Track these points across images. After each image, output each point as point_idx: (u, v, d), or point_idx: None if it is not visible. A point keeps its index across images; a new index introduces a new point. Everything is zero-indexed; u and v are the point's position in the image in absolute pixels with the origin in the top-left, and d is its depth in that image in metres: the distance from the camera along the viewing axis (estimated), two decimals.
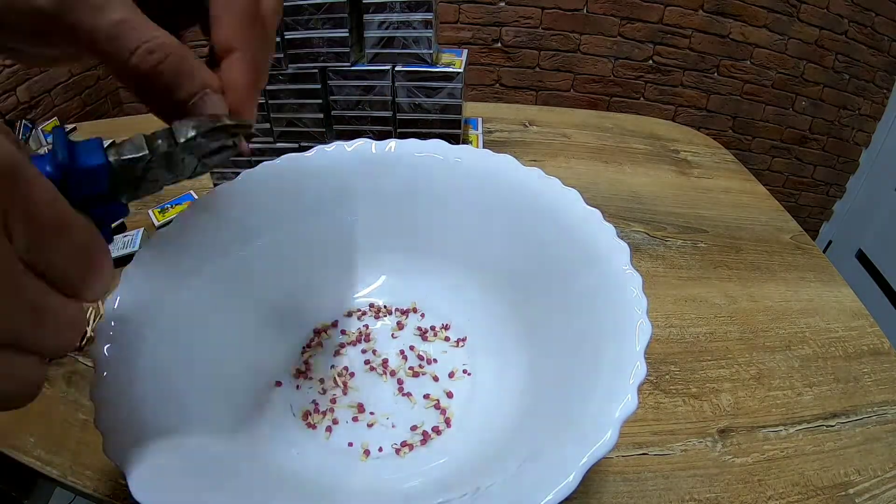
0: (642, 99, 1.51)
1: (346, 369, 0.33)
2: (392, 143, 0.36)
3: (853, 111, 1.50)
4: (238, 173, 0.33)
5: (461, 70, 0.50)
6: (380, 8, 0.47)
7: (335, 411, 0.31)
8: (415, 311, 0.37)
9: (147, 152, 0.19)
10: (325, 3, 0.45)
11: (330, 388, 0.32)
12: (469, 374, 0.33)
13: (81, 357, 0.37)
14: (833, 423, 0.36)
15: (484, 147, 0.46)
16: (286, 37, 0.47)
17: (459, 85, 0.50)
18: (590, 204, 0.31)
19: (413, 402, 0.32)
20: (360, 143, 0.36)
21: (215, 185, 0.55)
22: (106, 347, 0.23)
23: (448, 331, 0.36)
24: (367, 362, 0.34)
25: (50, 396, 0.34)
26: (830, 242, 1.70)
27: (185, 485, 0.20)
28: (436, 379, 0.33)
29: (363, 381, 0.33)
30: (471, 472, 0.26)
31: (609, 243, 0.29)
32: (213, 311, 0.30)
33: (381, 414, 0.31)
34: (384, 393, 0.32)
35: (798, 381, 0.38)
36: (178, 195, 0.53)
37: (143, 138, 0.19)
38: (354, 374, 0.33)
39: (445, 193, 0.36)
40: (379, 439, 0.30)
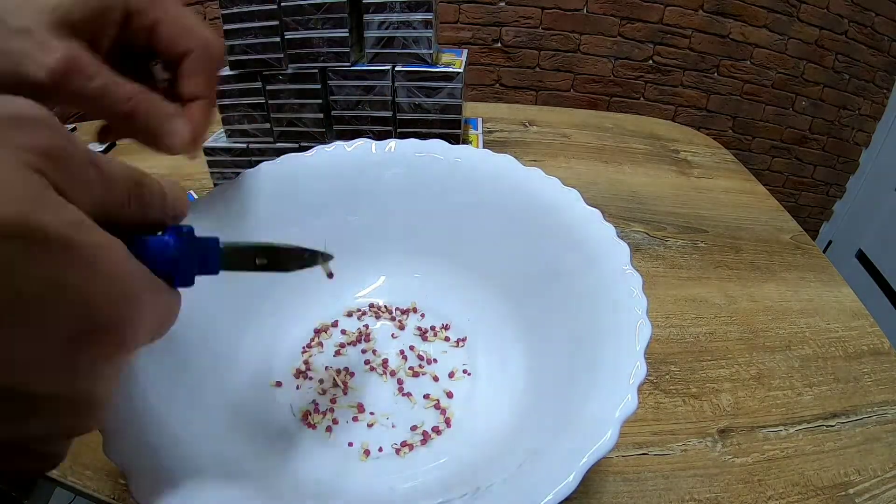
0: (642, 99, 1.51)
1: (346, 369, 0.33)
2: (392, 143, 0.36)
3: (853, 111, 1.50)
4: (238, 173, 0.33)
5: (461, 70, 0.50)
6: (380, 8, 0.47)
7: (335, 411, 0.31)
8: (415, 311, 0.37)
9: (252, 270, 0.21)
10: (325, 3, 0.45)
11: (330, 388, 0.32)
12: (469, 374, 0.33)
13: None
14: (833, 423, 0.36)
15: (484, 147, 0.46)
16: (286, 37, 0.47)
17: (459, 85, 0.50)
18: (590, 204, 0.31)
19: (413, 402, 0.32)
20: (360, 143, 0.36)
21: (215, 185, 0.55)
22: None
23: (448, 331, 0.36)
24: (367, 362, 0.34)
25: None
26: (830, 242, 1.70)
27: (185, 485, 0.20)
28: (436, 379, 0.33)
29: (363, 381, 0.33)
30: (471, 472, 0.26)
31: (609, 243, 0.29)
32: (213, 310, 0.30)
33: (381, 414, 0.31)
34: (384, 393, 0.32)
35: (798, 381, 0.38)
36: None
37: (252, 255, 0.21)
38: (354, 374, 0.33)
39: (445, 193, 0.36)
40: (379, 439, 0.30)
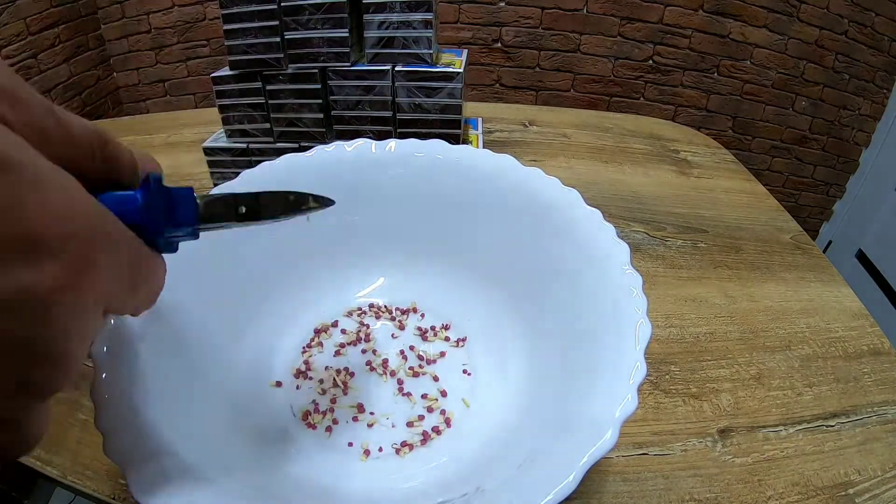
0: (642, 99, 1.51)
1: (346, 369, 0.33)
2: (392, 143, 0.36)
3: (853, 111, 1.50)
4: (238, 173, 0.33)
5: (461, 70, 0.50)
6: (380, 8, 0.47)
7: (335, 411, 0.31)
8: (415, 311, 0.37)
9: (234, 220, 0.19)
10: (325, 3, 0.45)
11: (330, 388, 0.32)
12: (469, 374, 0.33)
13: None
14: (833, 423, 0.36)
15: (484, 147, 0.46)
16: (286, 37, 0.47)
17: (459, 85, 0.50)
18: (590, 204, 0.31)
19: (413, 402, 0.32)
20: (360, 143, 0.36)
21: (215, 184, 0.55)
22: (106, 347, 0.23)
23: (448, 331, 0.36)
24: (367, 362, 0.34)
25: None
26: (830, 242, 1.70)
27: (185, 485, 0.20)
28: (436, 379, 0.33)
29: (363, 381, 0.33)
30: (471, 472, 0.26)
31: (609, 243, 0.29)
32: (214, 310, 0.30)
33: (381, 414, 0.31)
34: (384, 393, 0.32)
35: (798, 381, 0.38)
36: None
37: (232, 203, 0.19)
38: (354, 374, 0.33)
39: (445, 193, 0.36)
40: (379, 439, 0.30)
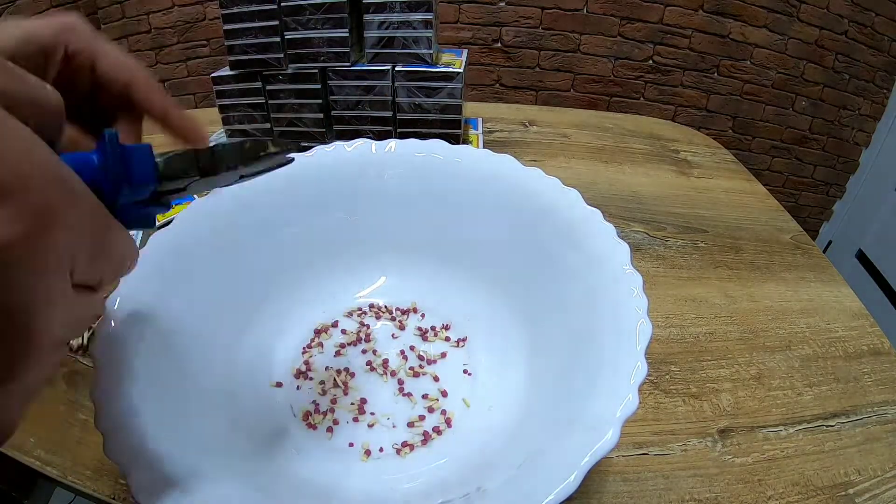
0: (642, 99, 1.51)
1: (347, 370, 0.33)
2: (392, 143, 0.36)
3: (853, 111, 1.50)
4: None
5: (461, 70, 0.50)
6: (380, 8, 0.47)
7: (336, 412, 0.31)
8: (415, 311, 0.37)
9: (197, 176, 0.19)
10: (325, 3, 0.45)
11: (330, 389, 0.32)
12: (469, 374, 0.33)
13: (81, 357, 0.37)
14: (833, 423, 0.36)
15: (484, 147, 0.46)
16: (286, 37, 0.47)
17: (459, 85, 0.50)
18: (590, 204, 0.31)
19: (413, 402, 0.32)
20: (360, 143, 0.36)
21: None
22: (106, 347, 0.23)
23: (448, 331, 0.36)
24: (367, 362, 0.34)
25: (50, 396, 0.34)
26: (830, 242, 1.70)
27: (185, 485, 0.20)
28: (436, 379, 0.33)
29: (363, 382, 0.33)
30: (472, 472, 0.26)
31: (609, 243, 0.29)
32: (214, 310, 0.30)
33: (381, 414, 0.31)
34: (385, 393, 0.32)
35: (798, 381, 0.38)
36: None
37: (192, 158, 0.19)
38: (355, 375, 0.33)
39: (445, 193, 0.36)
40: (379, 439, 0.30)
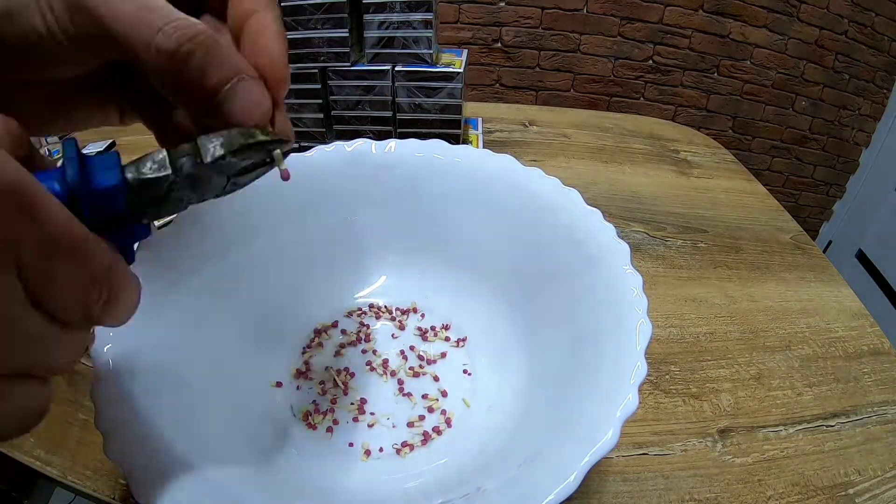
0: (642, 99, 1.51)
1: (347, 369, 0.33)
2: (392, 143, 0.36)
3: (853, 111, 1.50)
4: None
5: (461, 70, 0.50)
6: (380, 8, 0.47)
7: (336, 412, 0.31)
8: (415, 311, 0.37)
9: (170, 172, 0.17)
10: (325, 3, 0.45)
11: (330, 389, 0.32)
12: (469, 374, 0.33)
13: (81, 357, 0.37)
14: (833, 423, 0.36)
15: (484, 147, 0.46)
16: (286, 37, 0.47)
17: (459, 85, 0.50)
18: (590, 204, 0.31)
19: (413, 402, 0.32)
20: (360, 143, 0.36)
21: None
22: (106, 347, 0.23)
23: (448, 331, 0.36)
24: (367, 363, 0.34)
25: None
26: (830, 242, 1.70)
27: (186, 485, 0.20)
28: (436, 379, 0.33)
29: (363, 382, 0.33)
30: (472, 472, 0.26)
31: (609, 243, 0.29)
32: (214, 311, 0.30)
33: (381, 414, 0.31)
34: (385, 393, 0.32)
35: (798, 381, 0.38)
36: None
37: (166, 155, 0.17)
38: (355, 375, 0.33)
39: (445, 193, 0.36)
40: (379, 439, 0.30)
